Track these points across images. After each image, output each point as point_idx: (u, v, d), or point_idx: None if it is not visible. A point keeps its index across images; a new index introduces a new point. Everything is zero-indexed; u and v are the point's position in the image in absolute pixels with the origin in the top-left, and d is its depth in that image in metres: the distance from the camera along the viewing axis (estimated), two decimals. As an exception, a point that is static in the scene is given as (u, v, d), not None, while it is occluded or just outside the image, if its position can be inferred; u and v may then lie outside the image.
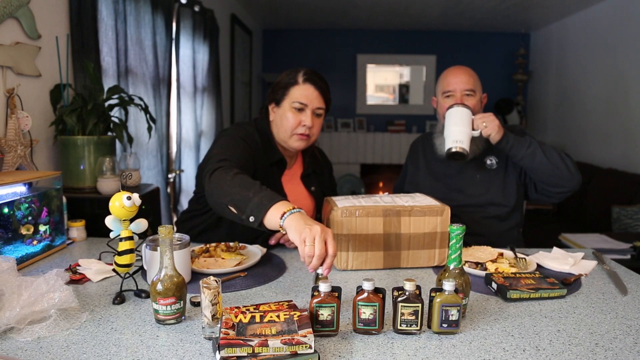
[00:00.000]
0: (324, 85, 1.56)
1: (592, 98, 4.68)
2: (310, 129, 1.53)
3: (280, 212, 1.13)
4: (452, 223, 1.08)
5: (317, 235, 1.04)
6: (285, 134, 1.55)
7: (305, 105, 1.52)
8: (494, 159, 1.78)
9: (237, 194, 1.21)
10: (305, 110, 1.52)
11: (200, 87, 3.59)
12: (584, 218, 4.07)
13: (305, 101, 1.51)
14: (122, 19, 2.28)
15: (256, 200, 1.17)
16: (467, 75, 1.74)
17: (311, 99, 1.52)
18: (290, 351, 0.78)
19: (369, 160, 6.30)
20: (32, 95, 1.73)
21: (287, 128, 1.53)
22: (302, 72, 1.55)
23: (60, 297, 0.94)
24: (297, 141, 1.54)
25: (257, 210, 1.16)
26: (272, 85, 1.60)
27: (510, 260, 1.35)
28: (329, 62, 6.20)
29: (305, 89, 1.52)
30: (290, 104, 1.52)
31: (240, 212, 1.19)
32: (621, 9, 4.22)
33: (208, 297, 0.88)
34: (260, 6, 5.04)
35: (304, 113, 1.52)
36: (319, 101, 1.54)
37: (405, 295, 0.92)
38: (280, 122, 1.55)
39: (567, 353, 0.86)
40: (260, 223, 1.17)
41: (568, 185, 1.63)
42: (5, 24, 1.58)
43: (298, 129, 1.53)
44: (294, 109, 1.52)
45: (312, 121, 1.52)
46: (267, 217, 1.15)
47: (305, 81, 1.53)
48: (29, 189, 1.36)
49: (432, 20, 5.56)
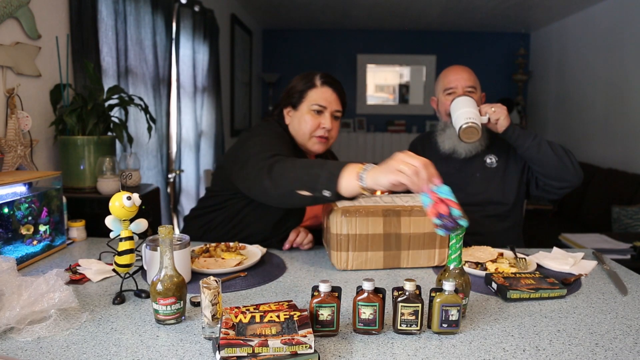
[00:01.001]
0: (341, 88, 1.57)
1: (592, 98, 4.69)
2: (329, 132, 1.54)
3: (353, 174, 1.08)
4: None
5: (405, 157, 1.00)
6: (304, 137, 1.54)
7: (325, 107, 1.52)
8: (494, 158, 1.78)
9: (303, 175, 1.17)
10: (324, 112, 1.52)
11: (200, 87, 3.59)
12: (584, 218, 4.07)
13: (325, 103, 1.52)
14: (122, 19, 2.28)
15: (324, 174, 1.13)
16: (468, 72, 1.75)
17: (330, 101, 1.52)
18: (290, 351, 0.78)
19: (369, 161, 6.26)
20: (32, 95, 1.73)
21: (305, 131, 1.52)
22: (319, 75, 1.55)
23: (60, 297, 0.94)
24: (316, 144, 1.54)
25: (329, 182, 1.11)
26: (286, 90, 1.60)
27: (510, 260, 1.35)
28: (329, 62, 6.20)
29: (324, 92, 1.52)
30: (308, 107, 1.52)
31: (312, 191, 1.15)
32: (621, 9, 4.22)
33: (208, 297, 0.88)
34: (260, 6, 5.04)
35: (322, 115, 1.52)
36: (337, 104, 1.55)
37: (405, 295, 0.92)
38: (299, 125, 1.54)
39: (567, 353, 0.86)
40: (337, 194, 1.12)
41: (571, 180, 1.63)
42: (5, 24, 1.58)
43: (317, 132, 1.52)
44: (313, 112, 1.52)
45: (331, 123, 1.52)
46: (341, 184, 1.10)
47: (324, 84, 1.53)
48: (29, 189, 1.36)
49: (432, 20, 5.56)
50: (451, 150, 1.76)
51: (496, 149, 1.77)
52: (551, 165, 1.61)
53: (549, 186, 1.69)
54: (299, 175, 1.18)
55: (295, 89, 1.56)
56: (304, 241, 1.50)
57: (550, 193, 1.71)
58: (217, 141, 3.96)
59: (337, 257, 1.30)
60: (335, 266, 1.32)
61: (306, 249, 1.50)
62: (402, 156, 1.01)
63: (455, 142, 1.73)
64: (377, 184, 1.04)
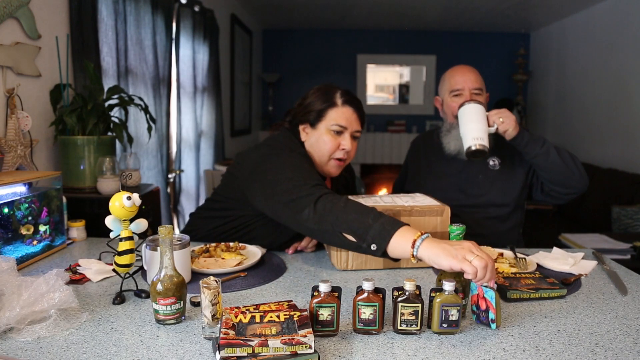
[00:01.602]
0: (361, 107, 1.49)
1: (592, 98, 4.69)
2: (348, 153, 1.47)
3: (409, 239, 1.01)
4: (452, 223, 1.08)
5: (472, 248, 0.95)
6: (322, 159, 1.47)
7: (345, 128, 1.45)
8: (497, 160, 1.76)
9: (354, 221, 1.10)
10: (345, 133, 1.45)
11: (200, 87, 3.59)
12: (584, 218, 4.07)
13: (345, 124, 1.44)
14: (122, 19, 2.28)
15: (377, 226, 1.07)
16: (474, 73, 1.72)
17: (350, 122, 1.45)
18: (290, 351, 0.78)
19: (369, 160, 6.30)
20: (32, 95, 1.73)
21: (324, 152, 1.46)
22: (339, 93, 1.47)
23: (60, 297, 0.94)
24: (333, 167, 1.49)
25: (380, 237, 1.06)
26: (303, 105, 1.51)
27: (511, 261, 1.35)
28: (329, 62, 6.20)
29: (345, 112, 1.45)
30: (327, 127, 1.45)
31: (359, 240, 1.09)
32: (621, 9, 4.22)
33: (208, 297, 0.88)
34: (260, 6, 5.04)
35: (342, 136, 1.45)
36: (357, 124, 1.47)
37: (405, 295, 0.92)
38: (317, 145, 1.46)
39: (567, 353, 0.86)
40: (384, 252, 1.06)
41: (577, 187, 1.62)
42: (5, 24, 1.58)
43: (336, 154, 1.46)
44: (332, 132, 1.45)
45: (350, 144, 1.46)
46: (391, 244, 1.05)
47: (345, 103, 1.45)
48: (29, 189, 1.36)
49: (432, 20, 5.56)
50: (456, 152, 1.73)
51: (500, 151, 1.75)
52: (558, 172, 1.59)
53: (555, 192, 1.67)
54: (350, 218, 1.11)
55: (313, 106, 1.47)
56: (309, 245, 1.47)
57: (556, 198, 1.70)
58: (217, 141, 3.96)
59: (337, 257, 1.30)
60: (335, 266, 1.32)
61: (309, 251, 1.49)
62: (471, 247, 0.96)
63: (460, 144, 1.69)
64: (433, 262, 0.97)
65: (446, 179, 1.80)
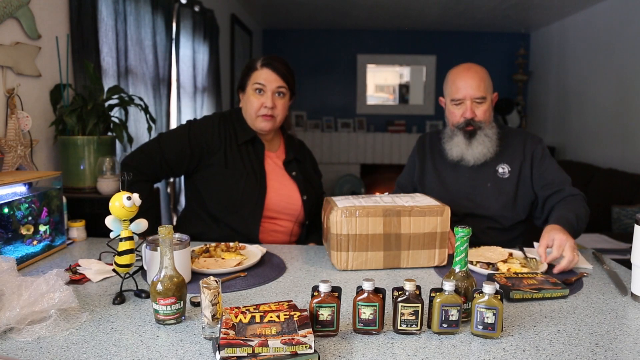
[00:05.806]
0: (281, 67, 1.64)
1: (592, 98, 4.68)
2: (273, 110, 1.63)
3: None
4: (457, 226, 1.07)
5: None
6: (251, 117, 1.66)
7: (264, 86, 1.62)
8: (506, 167, 1.68)
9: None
10: (266, 91, 1.62)
11: (200, 87, 3.59)
12: (584, 218, 4.06)
13: (265, 82, 1.62)
14: (122, 19, 2.27)
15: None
16: (478, 79, 1.62)
17: (269, 81, 1.62)
18: (290, 351, 0.78)
19: (369, 161, 6.30)
20: (32, 95, 1.73)
21: (251, 111, 1.64)
22: (260, 59, 1.65)
23: (60, 297, 0.94)
24: (262, 122, 1.64)
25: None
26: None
27: (521, 261, 1.35)
28: (329, 62, 6.20)
29: (263, 72, 1.62)
30: (252, 88, 1.64)
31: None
32: (621, 9, 4.22)
33: (208, 297, 0.88)
34: (260, 6, 5.04)
35: (264, 95, 1.62)
36: (278, 81, 1.63)
37: (405, 295, 0.92)
38: (246, 106, 1.67)
39: (567, 353, 0.86)
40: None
41: None
42: (5, 24, 1.58)
43: (261, 111, 1.63)
44: (255, 92, 1.63)
45: (272, 102, 1.62)
46: None
47: (263, 65, 1.63)
48: (29, 189, 1.36)
49: (432, 20, 5.55)
50: (459, 158, 1.68)
51: (508, 157, 1.68)
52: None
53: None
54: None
55: (242, 75, 1.69)
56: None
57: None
58: (217, 141, 3.95)
59: (337, 257, 1.30)
60: (335, 266, 1.32)
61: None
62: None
63: (462, 150, 1.66)
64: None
65: (453, 186, 1.72)
